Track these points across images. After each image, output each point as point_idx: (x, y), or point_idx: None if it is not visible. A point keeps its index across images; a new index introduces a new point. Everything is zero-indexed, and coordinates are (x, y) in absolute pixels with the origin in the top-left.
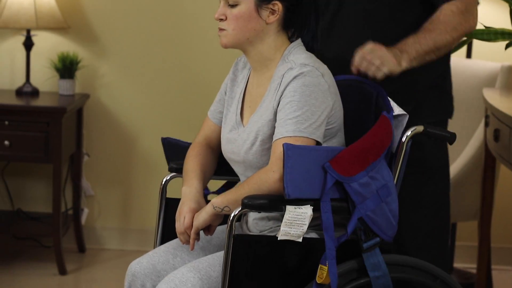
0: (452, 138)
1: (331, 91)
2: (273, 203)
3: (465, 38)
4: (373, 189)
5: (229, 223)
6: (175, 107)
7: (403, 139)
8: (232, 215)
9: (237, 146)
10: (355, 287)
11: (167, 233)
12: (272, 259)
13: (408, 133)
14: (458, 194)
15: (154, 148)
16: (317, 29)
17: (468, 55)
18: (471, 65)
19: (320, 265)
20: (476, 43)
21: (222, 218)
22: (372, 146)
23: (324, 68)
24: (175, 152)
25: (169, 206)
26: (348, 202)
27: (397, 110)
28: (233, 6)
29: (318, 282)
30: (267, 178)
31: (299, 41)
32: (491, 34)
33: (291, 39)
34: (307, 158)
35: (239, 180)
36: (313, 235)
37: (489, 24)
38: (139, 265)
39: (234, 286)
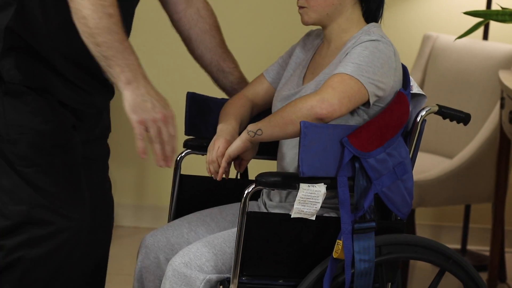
0: (467, 118)
1: (395, 73)
2: (287, 180)
3: (481, 20)
4: (390, 166)
5: (243, 200)
6: (191, 85)
7: (418, 118)
8: (246, 192)
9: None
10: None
11: (181, 210)
12: (285, 237)
13: (423, 113)
14: (473, 176)
15: None
16: (377, 5)
17: (485, 37)
18: (487, 47)
19: (337, 240)
20: (492, 25)
21: (255, 151)
22: (390, 122)
23: (396, 51)
24: (200, 111)
25: (184, 183)
26: (365, 179)
27: (415, 89)
28: None
29: (334, 256)
30: (308, 98)
31: (378, 24)
32: (506, 15)
33: (363, 11)
34: (324, 136)
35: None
36: (332, 214)
37: (506, 5)
38: (153, 238)
39: (248, 263)
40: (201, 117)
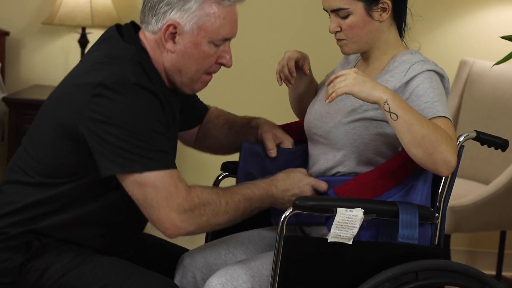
0: (505, 144)
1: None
2: (325, 205)
3: None
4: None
5: (280, 224)
6: (229, 106)
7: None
8: (283, 216)
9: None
10: None
11: (218, 232)
12: (323, 261)
13: (461, 138)
14: (509, 202)
15: None
16: (405, 17)
17: None
18: None
19: None
20: None
21: None
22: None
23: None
24: (253, 158)
25: None
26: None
27: None
28: (345, 17)
29: None
30: (446, 142)
31: (416, 50)
32: None
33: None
34: None
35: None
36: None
37: None
38: (190, 257)
39: (285, 287)
40: (255, 163)
